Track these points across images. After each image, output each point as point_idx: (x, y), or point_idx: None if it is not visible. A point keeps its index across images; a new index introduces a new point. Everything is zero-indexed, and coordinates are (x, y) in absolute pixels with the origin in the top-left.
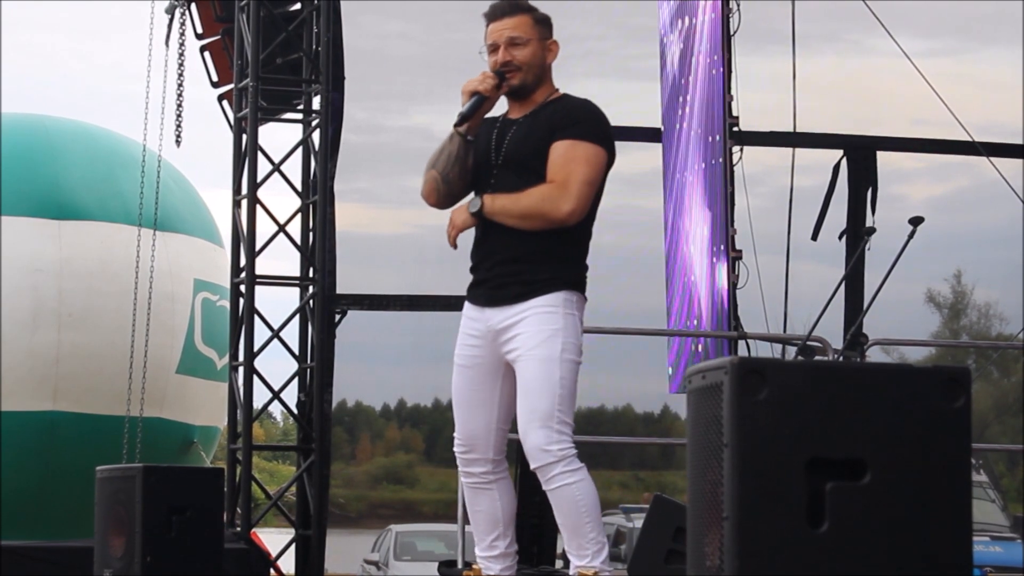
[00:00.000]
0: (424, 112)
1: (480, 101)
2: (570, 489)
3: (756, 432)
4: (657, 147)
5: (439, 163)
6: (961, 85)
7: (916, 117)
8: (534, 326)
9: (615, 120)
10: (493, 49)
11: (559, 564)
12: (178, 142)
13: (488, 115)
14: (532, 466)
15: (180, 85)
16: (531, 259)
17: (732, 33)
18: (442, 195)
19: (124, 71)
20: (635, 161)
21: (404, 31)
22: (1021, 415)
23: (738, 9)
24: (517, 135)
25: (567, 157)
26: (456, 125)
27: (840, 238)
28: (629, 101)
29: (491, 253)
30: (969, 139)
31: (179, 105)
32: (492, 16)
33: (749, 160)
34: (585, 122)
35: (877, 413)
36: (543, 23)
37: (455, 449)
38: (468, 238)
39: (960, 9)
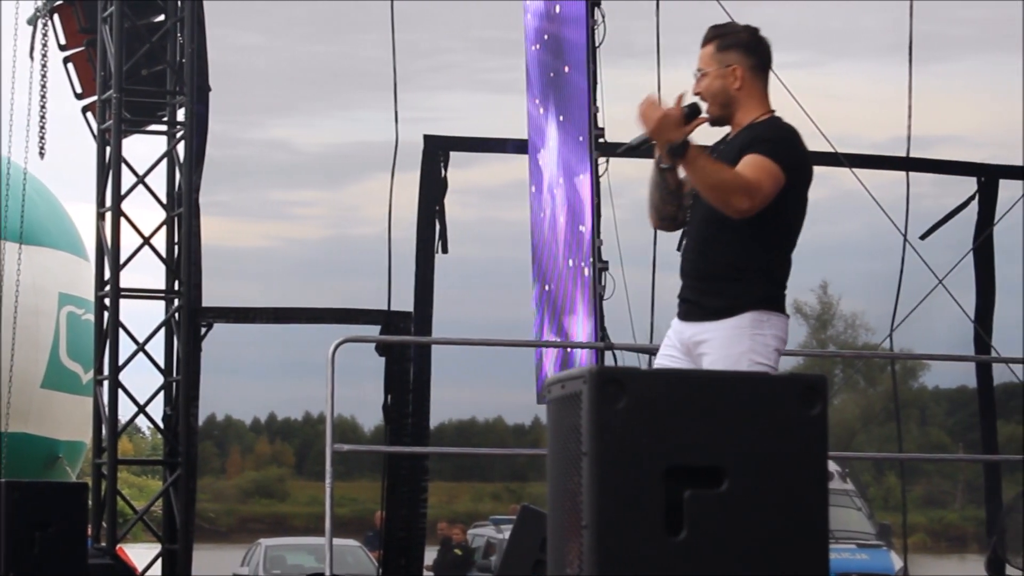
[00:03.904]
0: (283, 125)
1: (647, 138)
2: None
3: (615, 441)
4: (519, 158)
5: (649, 189)
6: (815, 97)
7: None
8: (721, 349)
9: (473, 132)
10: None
11: (426, 575)
12: (41, 154)
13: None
14: None
15: (43, 97)
16: (722, 277)
17: (597, 45)
18: (655, 219)
19: None
20: (496, 173)
21: (260, 44)
22: (886, 424)
23: (603, 21)
24: (718, 155)
25: (758, 167)
26: (619, 153)
27: None
28: (489, 113)
29: (687, 272)
30: (832, 151)
31: (42, 117)
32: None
33: (615, 172)
34: (772, 141)
35: (735, 421)
36: (730, 48)
37: None
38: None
39: (813, 22)
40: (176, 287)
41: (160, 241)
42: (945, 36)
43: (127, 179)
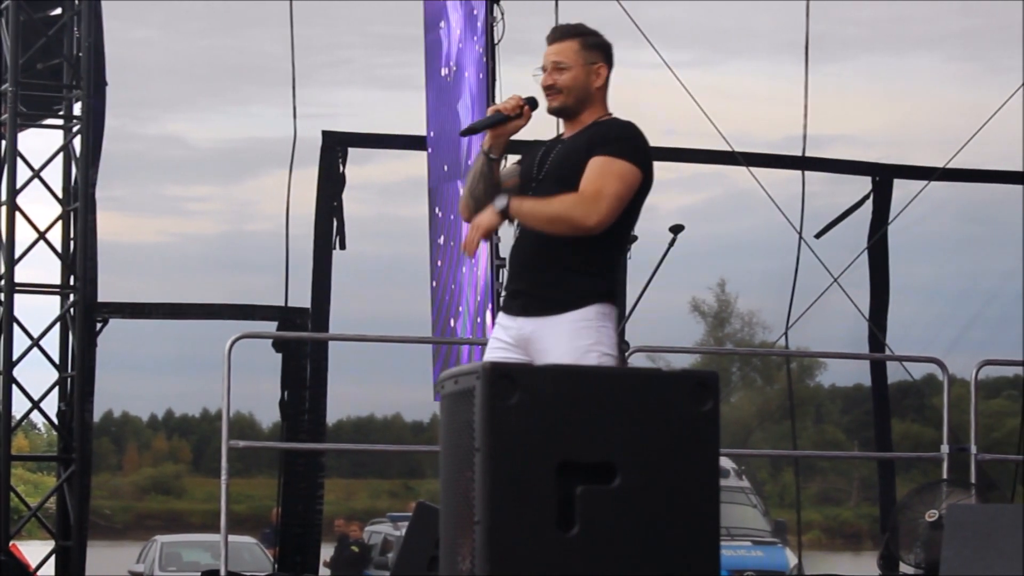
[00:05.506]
0: (180, 120)
1: (497, 119)
2: None
3: (508, 436)
4: (415, 155)
5: (468, 181)
6: (711, 95)
7: (666, 127)
8: (568, 343)
9: (370, 128)
10: (544, 70)
11: (323, 572)
12: None
13: (549, 137)
14: None
15: None
16: (568, 269)
17: (496, 42)
18: (472, 211)
19: None
20: (395, 170)
21: (157, 38)
22: (782, 422)
23: (502, 18)
24: (560, 152)
25: (601, 171)
26: (461, 134)
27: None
28: (387, 110)
29: (526, 265)
30: (728, 149)
31: None
32: (549, 39)
33: None
34: (621, 140)
35: (627, 417)
36: (594, 48)
37: None
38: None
39: (707, 21)
40: (72, 282)
41: (56, 236)
42: (838, 36)
43: (23, 173)
